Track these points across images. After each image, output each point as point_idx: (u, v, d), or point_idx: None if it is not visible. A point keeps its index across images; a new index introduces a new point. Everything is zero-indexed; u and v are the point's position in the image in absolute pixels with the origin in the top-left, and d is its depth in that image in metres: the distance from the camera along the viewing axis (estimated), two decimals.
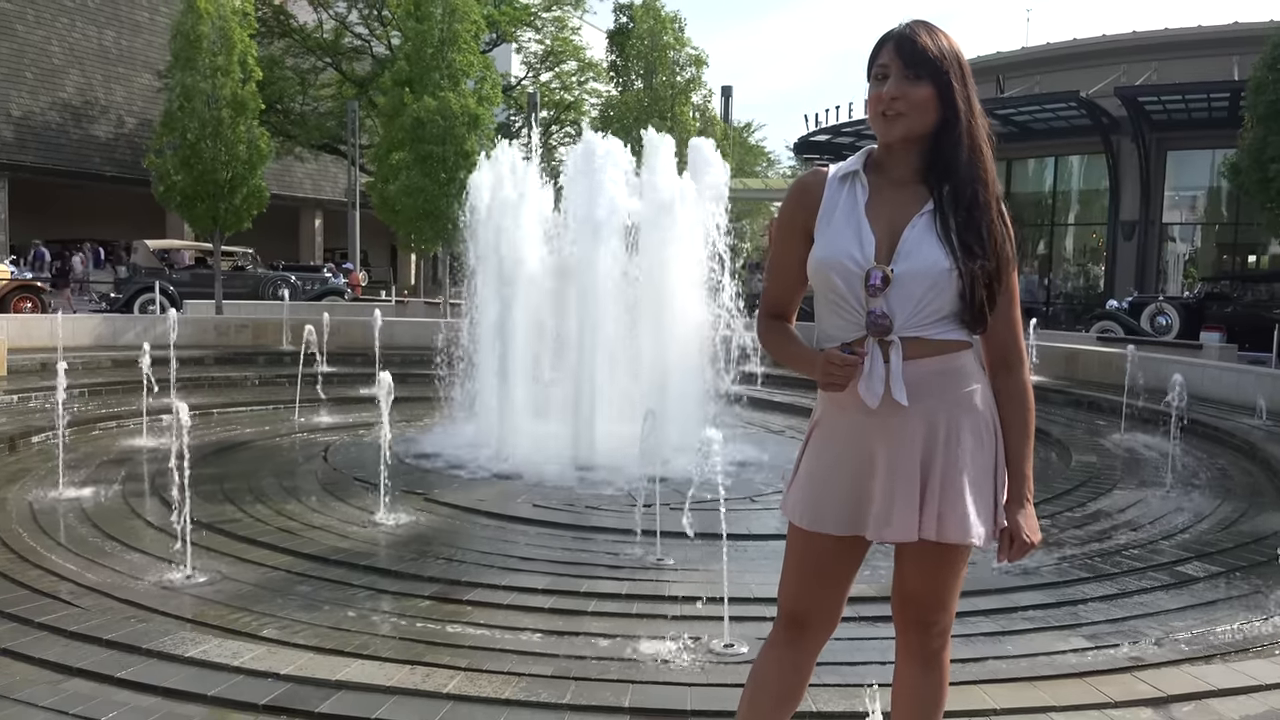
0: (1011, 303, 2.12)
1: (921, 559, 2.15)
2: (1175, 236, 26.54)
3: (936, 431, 2.05)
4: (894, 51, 2.03)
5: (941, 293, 2.01)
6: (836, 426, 2.13)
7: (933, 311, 2.02)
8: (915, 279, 2.00)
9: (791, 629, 2.21)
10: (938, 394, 2.04)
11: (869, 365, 2.01)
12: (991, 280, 2.03)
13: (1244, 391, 11.47)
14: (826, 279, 2.05)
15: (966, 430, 2.06)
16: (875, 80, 2.06)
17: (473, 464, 8.34)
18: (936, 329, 2.04)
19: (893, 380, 2.01)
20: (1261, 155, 13.57)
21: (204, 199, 17.15)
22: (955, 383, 2.07)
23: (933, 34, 2.03)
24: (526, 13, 33.08)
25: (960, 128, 2.03)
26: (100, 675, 3.50)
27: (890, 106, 2.01)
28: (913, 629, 2.23)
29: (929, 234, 2.02)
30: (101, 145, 30.61)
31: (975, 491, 2.06)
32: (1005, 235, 2.07)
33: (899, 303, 2.00)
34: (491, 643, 4.19)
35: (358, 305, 21.69)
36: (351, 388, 11.82)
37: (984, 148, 2.07)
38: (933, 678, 2.24)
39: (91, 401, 10.66)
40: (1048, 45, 28.25)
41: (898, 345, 2.01)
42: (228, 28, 16.80)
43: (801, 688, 2.23)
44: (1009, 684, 3.60)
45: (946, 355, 2.05)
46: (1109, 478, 8.08)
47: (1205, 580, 5.19)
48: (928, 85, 2.00)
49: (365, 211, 25.60)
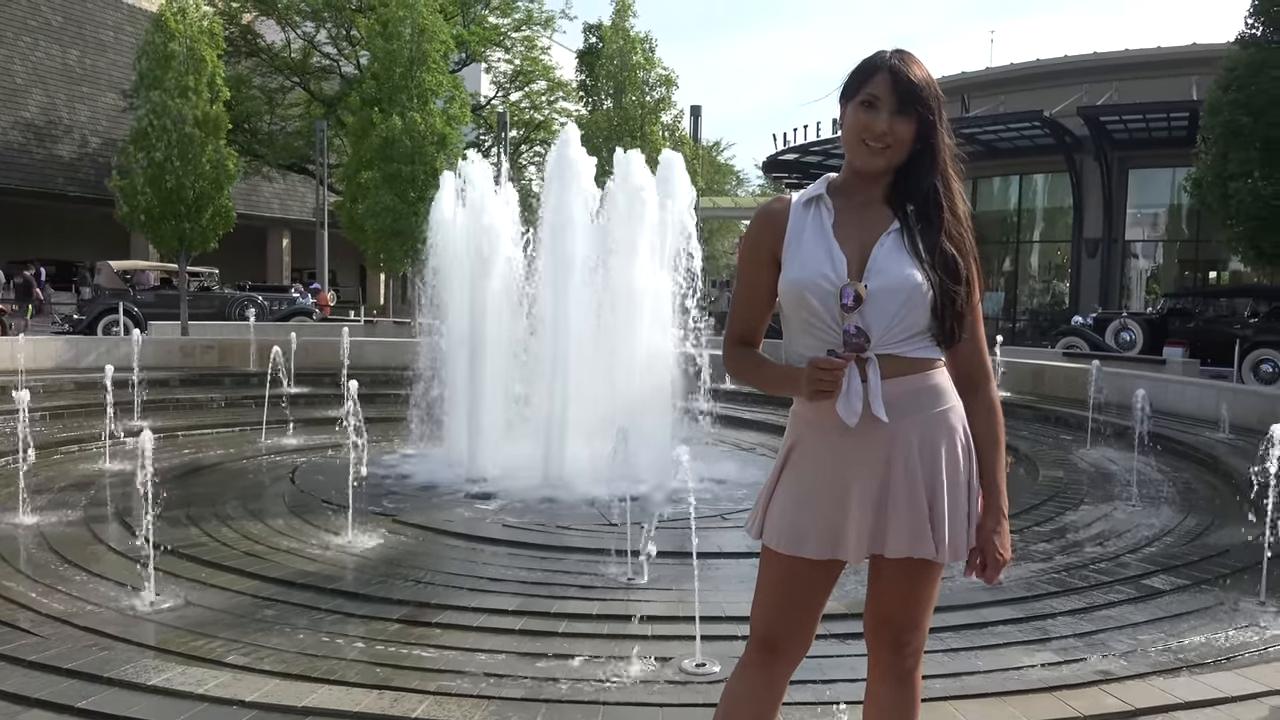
0: (976, 321, 2.14)
1: (897, 577, 2.15)
2: (1138, 253, 26.97)
3: (912, 450, 2.05)
4: (888, 84, 2.03)
5: (915, 308, 2.03)
6: (813, 449, 2.13)
7: (907, 327, 2.04)
8: (889, 295, 2.01)
9: (764, 652, 2.20)
10: (913, 412, 2.05)
11: (846, 384, 2.01)
12: (962, 297, 2.06)
13: (1206, 406, 11.62)
14: (800, 299, 2.06)
15: (943, 448, 2.07)
16: (861, 106, 2.05)
17: (443, 484, 8.29)
18: (910, 346, 2.05)
19: (872, 397, 2.01)
20: (1222, 172, 13.82)
21: (170, 219, 16.98)
22: (930, 400, 2.08)
23: (919, 69, 2.05)
24: (496, 33, 33.12)
25: (934, 157, 2.07)
26: (60, 706, 3.42)
27: (879, 140, 2.03)
28: (886, 648, 2.23)
29: (899, 251, 2.04)
30: (65, 165, 30.27)
31: (952, 510, 2.08)
32: (970, 254, 2.10)
33: (874, 319, 2.01)
34: (461, 665, 4.15)
35: (326, 325, 21.55)
36: (320, 409, 11.70)
37: (951, 172, 2.10)
38: (906, 697, 2.24)
39: (53, 425, 10.48)
40: (1011, 66, 28.70)
41: (874, 362, 2.02)
42: (197, 47, 16.69)
43: (774, 710, 2.22)
44: (979, 699, 3.61)
45: (921, 373, 2.07)
46: (1076, 492, 8.15)
47: (1171, 593, 5.24)
48: (913, 121, 2.03)
49: (334, 231, 25.48)
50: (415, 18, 18.81)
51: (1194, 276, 26.03)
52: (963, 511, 2.10)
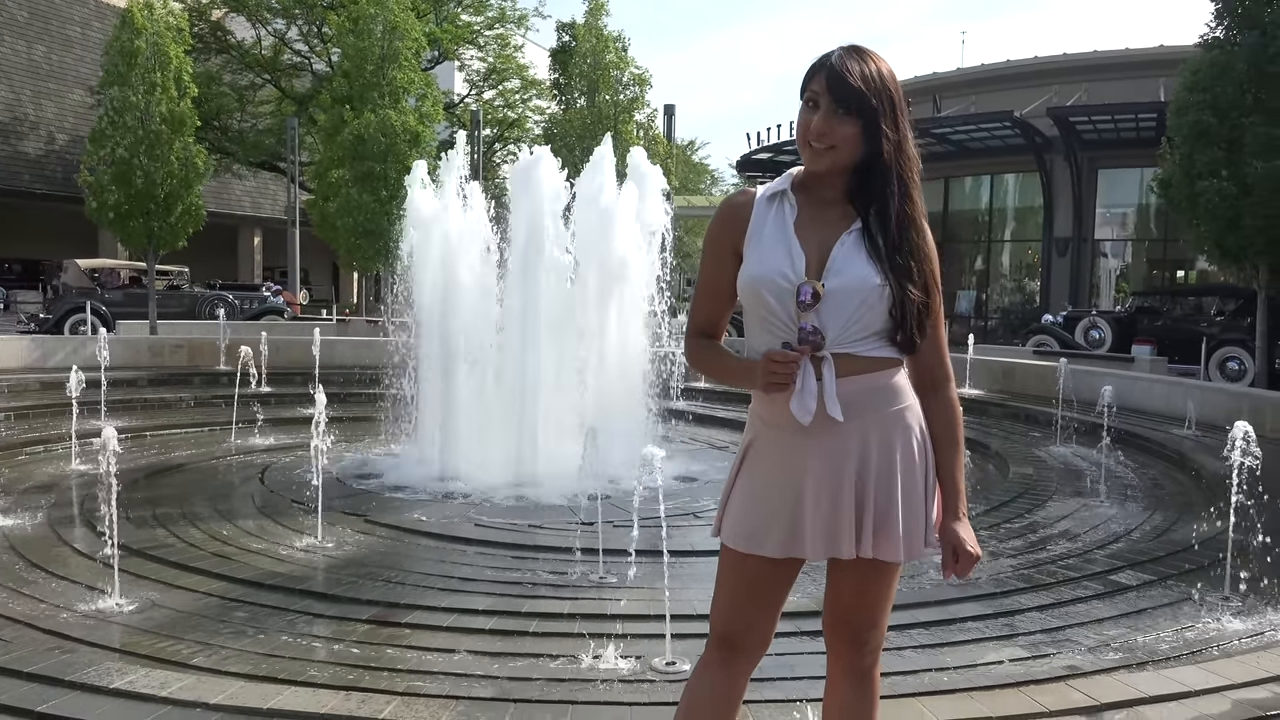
0: (937, 323, 2.14)
1: (855, 577, 2.16)
2: (1107, 252, 27.22)
3: (869, 449, 2.05)
4: (826, 83, 2.00)
5: (872, 309, 2.02)
6: (769, 447, 2.13)
7: (864, 327, 2.03)
8: (846, 294, 2.00)
9: (724, 650, 2.20)
10: (869, 411, 2.05)
11: (800, 382, 2.01)
12: (922, 301, 2.05)
13: (1174, 403, 11.77)
14: (758, 295, 2.05)
15: (898, 447, 2.07)
16: (806, 106, 2.04)
17: (415, 484, 8.24)
18: (867, 345, 2.04)
19: (826, 396, 2.01)
20: (1190, 171, 13.97)
21: (138, 216, 16.79)
22: (886, 400, 2.07)
23: (865, 64, 2.01)
24: (468, 30, 32.98)
25: (887, 161, 2.03)
26: (20, 710, 3.37)
27: (818, 140, 2.02)
28: (845, 646, 2.24)
29: (858, 251, 2.03)
30: (31, 162, 29.86)
31: (908, 509, 2.08)
32: (927, 258, 2.08)
33: (830, 318, 2.01)
34: (430, 666, 4.12)
35: (297, 324, 21.37)
36: (290, 408, 11.61)
37: (912, 175, 2.07)
38: (865, 694, 2.25)
39: (18, 425, 10.34)
40: (982, 66, 28.86)
41: (829, 361, 2.02)
42: (162, 43, 16.51)
43: (735, 708, 2.22)
44: (947, 695, 3.62)
45: (877, 373, 2.06)
46: (1045, 489, 8.22)
47: (1138, 588, 5.29)
48: (855, 121, 1.99)
49: (305, 229, 25.28)
50: (386, 15, 18.70)
51: (1162, 275, 26.32)
52: (919, 511, 2.10)
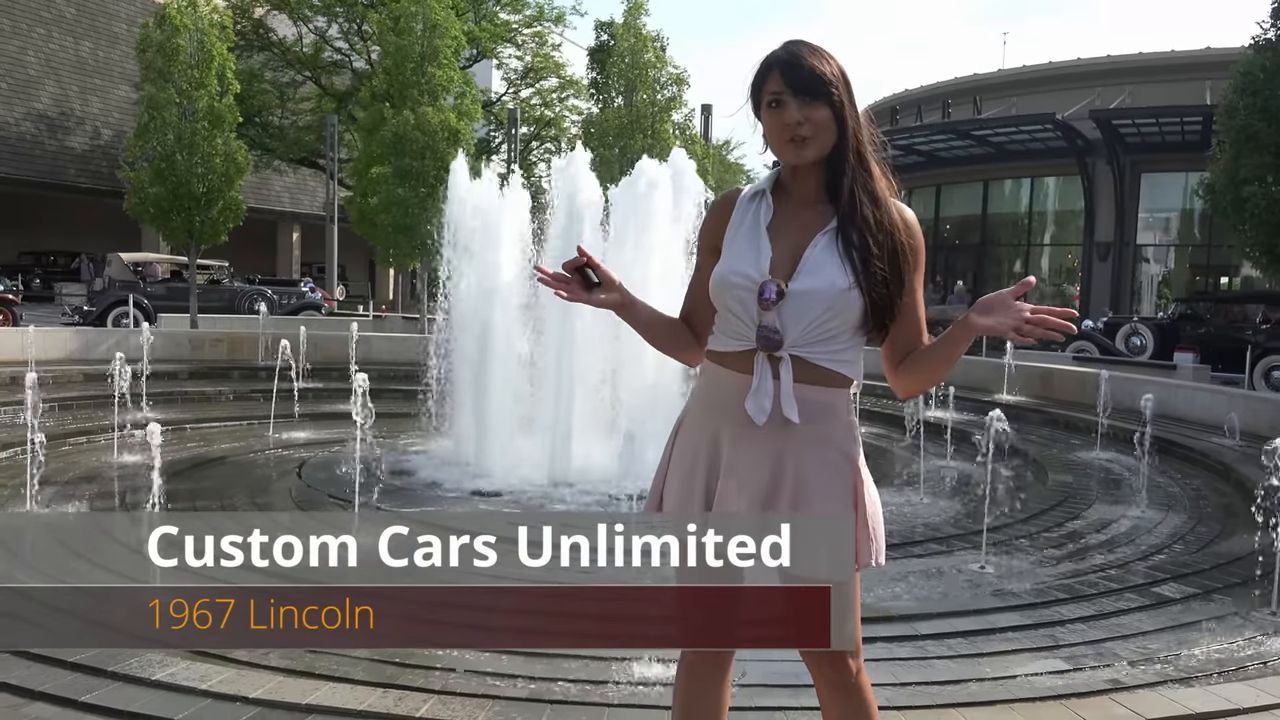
0: (916, 304, 2.09)
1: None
2: (1149, 258, 26.86)
3: (785, 461, 2.02)
4: (782, 79, 2.01)
5: (838, 314, 2.00)
6: (698, 424, 2.13)
7: (825, 331, 2.01)
8: (812, 297, 1.99)
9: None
10: (804, 422, 2.02)
11: (757, 381, 2.01)
12: (891, 295, 2.02)
13: (1216, 412, 11.55)
14: (721, 293, 2.06)
15: (821, 463, 2.03)
16: (770, 109, 2.03)
17: (449, 481, 8.28)
18: (827, 349, 2.02)
19: (783, 397, 2.00)
20: (1235, 176, 13.73)
21: (179, 211, 17.00)
22: (824, 416, 2.04)
23: (816, 55, 2.02)
24: (507, 29, 33.10)
25: (848, 147, 2.03)
26: (64, 700, 3.42)
27: (798, 131, 2.00)
28: (820, 663, 2.16)
29: (830, 253, 2.01)
30: (77, 157, 30.36)
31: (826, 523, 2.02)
32: (898, 248, 2.03)
33: (792, 319, 1.99)
34: (465, 665, 4.13)
35: (334, 320, 21.57)
36: (328, 403, 11.71)
37: (869, 161, 2.06)
38: (855, 703, 2.18)
39: (62, 416, 10.51)
40: (1024, 68, 28.61)
41: (788, 362, 2.00)
42: (206, 41, 16.70)
43: (725, 700, 2.23)
44: (986, 707, 3.58)
45: (824, 388, 2.04)
46: (1085, 497, 8.11)
47: (1182, 601, 5.20)
48: (824, 106, 2.00)
49: (343, 226, 25.50)
50: (427, 13, 18.78)
51: (1205, 282, 25.91)
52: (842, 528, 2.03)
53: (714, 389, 2.12)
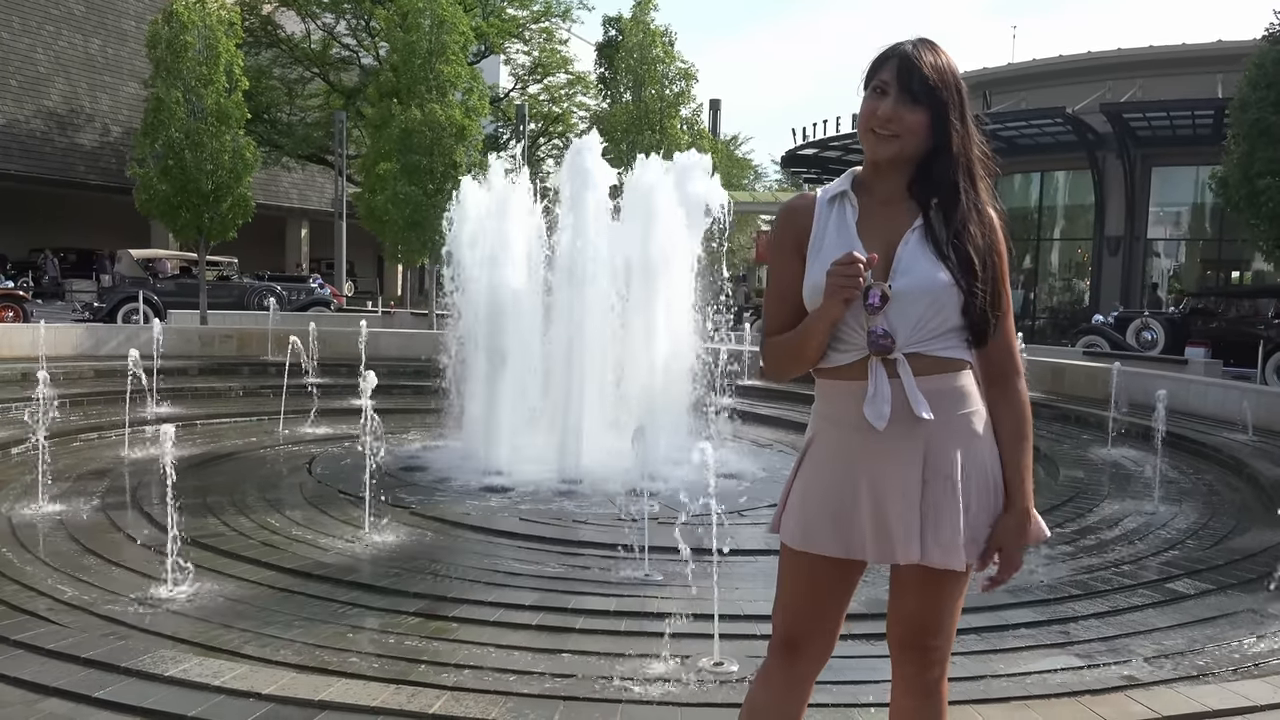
0: (1006, 316, 2.08)
1: (919, 583, 2.10)
2: (1160, 252, 26.70)
3: (933, 453, 2.00)
4: (895, 72, 1.99)
5: (942, 308, 1.98)
6: (829, 445, 2.09)
7: (934, 327, 1.99)
8: (915, 294, 1.97)
9: (787, 653, 2.15)
10: (937, 414, 1.99)
11: (873, 388, 1.97)
12: (992, 296, 2.01)
13: (1228, 407, 11.49)
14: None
15: (964, 453, 2.02)
16: (872, 93, 2.02)
17: (460, 477, 8.27)
18: (938, 344, 2.00)
19: (910, 395, 1.96)
20: (1249, 170, 13.65)
21: (187, 208, 17.02)
22: (954, 403, 2.02)
23: (937, 56, 2.00)
24: (515, 25, 33.05)
25: (953, 154, 2.01)
26: (77, 695, 3.42)
27: (884, 127, 1.99)
28: (910, 655, 2.17)
29: (923, 249, 2.00)
30: (87, 154, 30.42)
31: (971, 516, 2.02)
32: (994, 251, 2.04)
33: (900, 319, 1.97)
34: (478, 661, 4.12)
35: (343, 316, 21.59)
36: (337, 399, 11.72)
37: (976, 169, 2.05)
38: (931, 708, 2.18)
39: (73, 412, 10.53)
40: (1034, 61, 28.43)
41: (904, 362, 1.97)
42: (213, 37, 16.69)
43: (799, 714, 2.18)
44: (1002, 703, 3.56)
45: (946, 374, 2.01)
46: (1096, 493, 8.07)
47: (1196, 597, 5.17)
48: (924, 111, 1.98)
49: (352, 222, 25.50)
50: (434, 9, 18.75)
51: (1216, 276, 25.76)
52: (985, 518, 2.05)
53: (834, 404, 2.07)
